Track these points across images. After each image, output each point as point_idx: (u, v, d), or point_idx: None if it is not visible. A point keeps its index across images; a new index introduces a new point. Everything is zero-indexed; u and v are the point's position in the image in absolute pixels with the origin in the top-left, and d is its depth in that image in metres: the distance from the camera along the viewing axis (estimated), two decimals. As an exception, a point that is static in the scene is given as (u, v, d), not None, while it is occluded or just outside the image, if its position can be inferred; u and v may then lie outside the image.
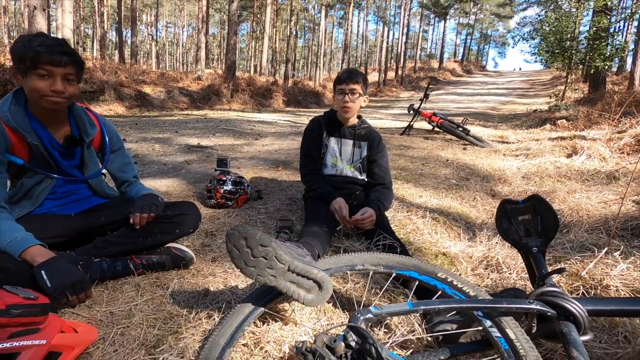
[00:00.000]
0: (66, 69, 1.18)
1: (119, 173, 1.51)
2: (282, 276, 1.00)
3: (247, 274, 0.99)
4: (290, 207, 2.17)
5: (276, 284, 0.99)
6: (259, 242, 0.98)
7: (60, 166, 1.32)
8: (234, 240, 0.99)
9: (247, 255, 0.99)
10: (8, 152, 1.21)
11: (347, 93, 1.82)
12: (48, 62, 1.14)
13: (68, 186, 1.38)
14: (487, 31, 46.47)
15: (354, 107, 1.85)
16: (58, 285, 1.06)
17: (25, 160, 1.24)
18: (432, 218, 2.07)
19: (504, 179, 3.11)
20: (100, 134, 1.42)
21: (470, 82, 24.74)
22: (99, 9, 22.94)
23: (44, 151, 1.25)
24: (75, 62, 1.20)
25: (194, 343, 1.01)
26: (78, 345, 0.93)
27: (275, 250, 0.99)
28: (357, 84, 1.82)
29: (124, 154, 1.53)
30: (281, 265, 0.99)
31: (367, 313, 0.84)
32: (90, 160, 1.40)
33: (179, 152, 3.91)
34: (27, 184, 1.27)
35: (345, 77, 1.83)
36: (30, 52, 1.13)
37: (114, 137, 1.48)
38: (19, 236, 1.13)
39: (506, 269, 1.55)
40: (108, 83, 9.45)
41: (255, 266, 0.99)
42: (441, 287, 1.00)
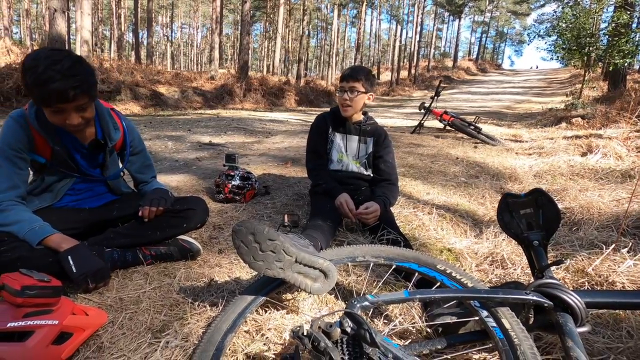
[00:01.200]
0: (76, 102, 1.13)
1: (138, 174, 1.56)
2: (290, 268, 1.02)
3: (256, 268, 1.01)
4: (297, 202, 2.19)
5: (284, 276, 1.02)
6: (267, 237, 1.00)
7: (80, 166, 1.37)
8: (242, 237, 1.01)
9: (256, 250, 1.00)
10: (32, 151, 1.26)
11: (347, 91, 1.83)
12: (58, 102, 1.10)
13: (86, 184, 1.43)
14: (503, 29, 45.62)
15: (353, 105, 1.85)
16: (83, 271, 1.11)
17: (47, 159, 1.29)
18: (439, 215, 2.07)
19: (515, 177, 3.07)
20: (123, 136, 1.45)
21: (485, 81, 24.35)
22: (117, 10, 23.48)
23: (65, 154, 1.29)
24: (86, 89, 1.14)
25: (198, 328, 1.05)
26: (88, 328, 0.97)
27: (282, 243, 1.01)
28: (358, 82, 1.81)
29: (145, 157, 1.56)
30: (289, 257, 1.01)
31: (363, 300, 0.86)
32: (111, 162, 1.44)
33: (190, 149, 3.99)
34: (47, 180, 1.33)
35: (347, 75, 1.84)
36: (37, 90, 1.08)
37: (136, 139, 1.51)
38: (37, 226, 1.18)
39: (511, 265, 1.54)
40: (124, 83, 9.68)
41: (264, 260, 1.01)
42: (440, 279, 1.01)
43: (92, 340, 0.98)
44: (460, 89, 19.21)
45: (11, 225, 1.17)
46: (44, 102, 1.11)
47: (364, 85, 1.83)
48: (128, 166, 1.53)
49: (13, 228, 1.16)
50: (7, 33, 19.78)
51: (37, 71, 1.07)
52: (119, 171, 1.50)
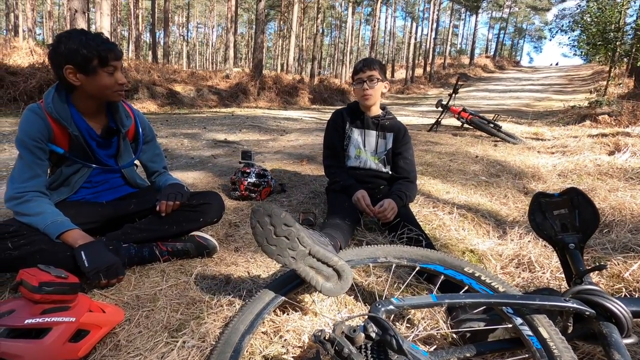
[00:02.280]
0: (120, 61, 1.26)
1: (150, 163, 1.57)
2: (302, 259, 0.99)
3: (268, 252, 0.99)
4: (313, 200, 2.16)
5: (295, 266, 0.99)
6: (283, 221, 0.98)
7: (97, 156, 1.38)
8: (259, 217, 0.99)
9: (270, 232, 0.99)
10: (50, 141, 1.27)
11: (365, 81, 1.81)
12: (114, 58, 1.22)
13: (102, 175, 1.43)
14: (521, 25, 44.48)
15: (374, 93, 1.83)
16: (95, 266, 1.11)
17: (65, 150, 1.30)
18: (460, 214, 2.00)
19: (538, 176, 2.96)
20: (134, 125, 1.47)
21: (502, 78, 23.79)
22: (135, 11, 23.92)
23: (82, 142, 1.30)
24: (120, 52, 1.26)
25: (214, 328, 1.02)
26: (105, 325, 0.96)
27: (298, 231, 0.98)
28: (374, 71, 1.81)
29: (155, 145, 1.58)
30: (302, 247, 0.98)
31: (388, 304, 0.81)
32: (125, 150, 1.45)
33: (206, 147, 4.00)
34: (65, 172, 1.34)
35: (362, 66, 1.83)
36: (95, 51, 1.18)
37: (147, 129, 1.53)
38: (58, 219, 1.18)
39: (539, 268, 1.47)
40: (142, 82, 9.83)
41: (277, 245, 0.99)
42: (468, 282, 0.96)
43: (108, 338, 0.97)
44: (477, 86, 18.81)
45: (33, 217, 1.17)
46: (103, 61, 1.20)
47: (379, 74, 1.82)
48: (140, 155, 1.53)
49: (35, 219, 1.17)
50: (30, 34, 20.41)
51: (84, 38, 1.19)
52: (133, 159, 1.50)
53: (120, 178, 1.50)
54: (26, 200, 1.18)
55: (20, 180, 1.20)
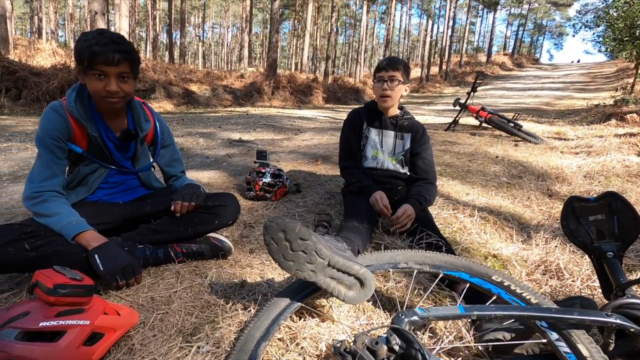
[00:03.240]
0: (120, 68, 1.17)
1: (168, 168, 1.56)
2: (322, 271, 0.95)
3: (286, 268, 0.95)
4: (329, 201, 2.12)
5: (315, 279, 0.94)
6: (298, 236, 0.94)
7: (114, 158, 1.37)
8: (272, 233, 0.95)
9: (286, 249, 0.94)
10: (69, 140, 1.27)
11: (386, 80, 1.75)
12: (102, 62, 1.14)
13: (119, 176, 1.43)
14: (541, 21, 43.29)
15: (393, 95, 1.78)
16: (110, 269, 1.10)
17: (83, 150, 1.29)
18: (481, 217, 1.93)
19: (563, 178, 2.84)
20: (153, 129, 1.46)
21: (521, 76, 23.19)
22: (152, 12, 24.35)
23: (100, 142, 1.30)
24: (130, 59, 1.19)
25: (229, 334, 0.99)
26: (120, 328, 0.94)
27: (315, 244, 0.94)
28: (398, 71, 1.75)
29: (174, 150, 1.56)
30: (321, 260, 0.94)
31: (412, 315, 0.77)
32: (143, 153, 1.45)
33: (221, 146, 4.01)
34: (82, 171, 1.33)
35: (385, 65, 1.77)
36: (86, 51, 1.13)
37: (166, 133, 1.52)
38: (74, 220, 1.18)
39: (568, 276, 1.39)
40: (158, 82, 9.98)
41: (294, 260, 0.94)
42: (496, 292, 0.90)
43: (123, 341, 0.95)
44: (494, 84, 18.38)
45: (49, 217, 1.17)
46: (89, 62, 1.14)
47: (402, 75, 1.76)
48: (158, 160, 1.52)
49: (51, 220, 1.16)
50: (53, 36, 21.03)
51: (88, 37, 1.15)
52: (150, 164, 1.49)
53: (137, 180, 1.50)
54: (43, 201, 1.18)
55: (38, 180, 1.20)
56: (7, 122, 5.12)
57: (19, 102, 7.01)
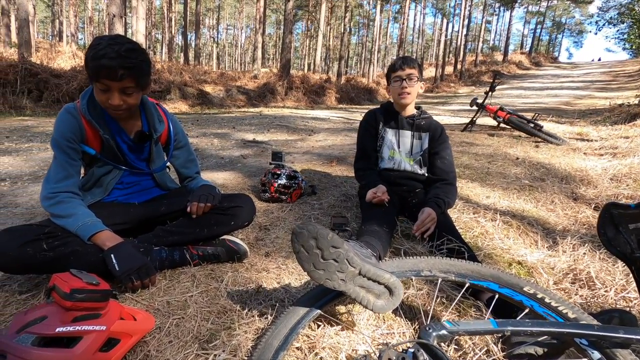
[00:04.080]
0: (123, 83, 1.15)
1: (183, 169, 1.55)
2: (352, 280, 0.91)
3: (315, 278, 0.91)
4: (344, 203, 2.08)
5: (345, 288, 0.90)
6: (331, 244, 0.89)
7: (128, 159, 1.37)
8: (303, 241, 0.90)
9: (317, 257, 0.90)
10: (83, 142, 1.27)
11: (405, 79, 1.73)
12: (105, 77, 1.12)
13: (133, 177, 1.42)
14: (560, 19, 42.19)
15: (412, 92, 1.76)
16: (126, 269, 1.09)
17: (97, 151, 1.29)
18: (503, 221, 1.86)
19: (588, 181, 2.73)
20: (167, 130, 1.45)
21: (539, 75, 22.64)
22: (168, 14, 24.74)
23: (113, 144, 1.30)
24: (135, 74, 1.15)
25: (246, 341, 0.97)
26: (136, 333, 0.92)
27: (347, 252, 0.90)
28: (414, 69, 1.74)
29: (188, 151, 1.55)
30: (352, 268, 0.90)
31: (440, 328, 0.72)
32: (157, 154, 1.44)
33: (235, 146, 4.01)
34: (97, 172, 1.34)
35: (401, 64, 1.75)
36: (92, 63, 1.12)
37: (180, 134, 1.51)
38: (89, 221, 1.18)
39: (600, 285, 1.32)
40: (174, 83, 10.12)
41: (325, 269, 0.90)
42: (529, 304, 0.85)
43: (139, 347, 0.93)
44: (511, 84, 17.98)
45: (65, 218, 1.17)
46: (94, 75, 1.13)
47: (418, 72, 1.75)
48: (172, 160, 1.51)
49: (67, 221, 1.16)
50: (73, 39, 21.59)
51: (98, 47, 1.12)
52: (165, 163, 1.48)
53: (151, 180, 1.49)
54: (59, 202, 1.18)
55: (54, 181, 1.21)
56: (28, 122, 5.25)
57: (40, 103, 7.20)
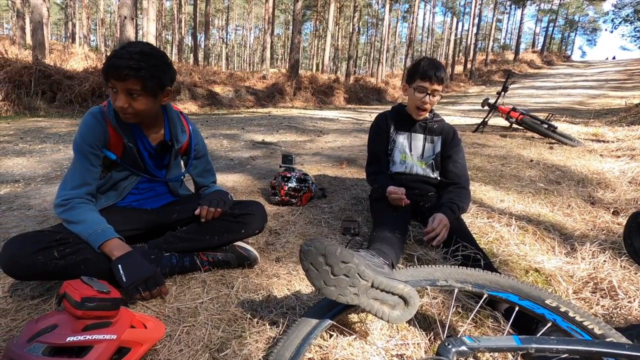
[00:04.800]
0: (127, 84, 1.12)
1: (199, 178, 1.54)
2: (365, 293, 0.88)
3: (327, 294, 0.89)
4: (355, 207, 2.05)
5: (358, 302, 0.88)
6: (340, 259, 0.87)
7: (147, 166, 1.36)
8: (311, 258, 0.88)
9: (327, 274, 0.88)
10: (105, 146, 1.26)
11: (430, 93, 1.65)
12: (112, 76, 1.12)
13: (148, 183, 1.42)
14: (573, 17, 41.40)
15: (431, 107, 1.72)
16: (133, 280, 1.06)
17: (117, 156, 1.29)
18: (519, 226, 1.81)
19: (606, 184, 2.65)
20: (188, 140, 1.44)
21: (551, 74, 22.26)
22: (178, 16, 24.99)
23: (135, 152, 1.29)
24: (141, 77, 1.12)
25: (257, 351, 0.95)
26: (146, 342, 0.91)
27: (357, 266, 0.87)
28: (441, 84, 1.65)
29: (207, 161, 1.54)
30: (364, 282, 0.87)
31: (459, 344, 0.69)
32: (175, 164, 1.44)
33: (244, 148, 4.01)
34: (115, 177, 1.33)
35: (432, 76, 1.62)
36: (106, 63, 1.13)
37: (200, 144, 1.50)
38: (99, 228, 1.15)
39: (623, 295, 1.27)
40: (183, 84, 10.19)
41: (336, 285, 0.88)
42: (551, 318, 0.81)
43: (149, 356, 0.92)
44: (522, 83, 17.71)
45: (77, 224, 1.15)
46: (104, 75, 1.15)
47: (443, 85, 1.67)
48: (190, 170, 1.51)
49: (77, 227, 1.15)
50: (85, 40, 21.93)
51: (116, 50, 1.16)
52: (182, 174, 1.48)
53: (164, 186, 1.48)
54: (71, 208, 1.17)
55: (69, 187, 1.20)
56: (42, 124, 5.33)
57: (53, 104, 7.31)
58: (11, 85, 6.92)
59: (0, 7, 33.07)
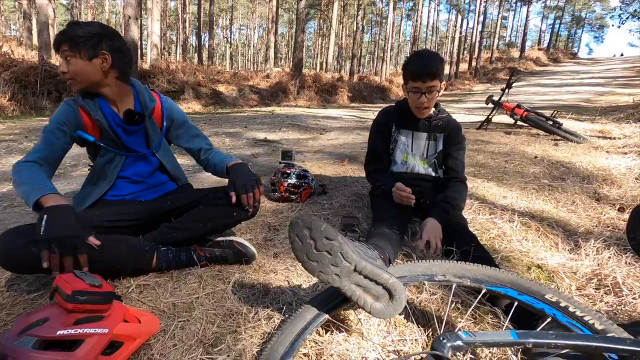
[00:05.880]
0: (62, 48, 1.21)
1: (190, 144, 1.50)
2: (347, 276, 0.87)
3: (309, 269, 0.89)
4: (355, 203, 2.03)
5: (340, 284, 0.87)
6: (324, 234, 0.87)
7: (125, 143, 1.36)
8: (297, 230, 0.90)
9: (310, 247, 0.88)
10: (80, 129, 1.29)
11: (424, 92, 1.55)
12: (54, 48, 1.23)
13: (137, 168, 1.39)
14: (580, 13, 40.91)
15: (432, 105, 1.63)
16: (49, 234, 0.94)
17: (96, 138, 1.30)
18: (522, 223, 1.78)
19: (611, 180, 2.61)
20: (160, 107, 1.43)
21: (557, 71, 22.02)
22: (182, 16, 25.08)
23: (107, 128, 1.30)
24: (67, 40, 1.20)
25: (252, 346, 0.94)
26: (140, 336, 0.91)
27: (340, 245, 0.87)
28: (436, 79, 1.53)
29: (190, 126, 1.52)
30: (347, 263, 0.87)
31: (455, 339, 0.67)
32: (153, 131, 1.41)
33: (247, 145, 4.01)
34: (100, 162, 1.34)
35: (422, 73, 1.51)
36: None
37: (175, 111, 1.48)
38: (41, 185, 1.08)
39: (628, 292, 1.24)
40: (187, 83, 10.23)
41: (318, 261, 0.88)
42: (551, 313, 0.79)
43: (142, 350, 0.91)
44: (528, 81, 17.52)
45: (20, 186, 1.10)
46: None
47: (440, 78, 1.56)
48: (178, 142, 1.49)
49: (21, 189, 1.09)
50: (90, 41, 22.06)
51: None
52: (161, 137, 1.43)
53: (159, 171, 1.46)
54: (18, 171, 1.15)
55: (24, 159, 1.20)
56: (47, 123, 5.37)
57: (59, 104, 7.37)
58: (17, 85, 6.99)
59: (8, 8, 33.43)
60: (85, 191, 1.36)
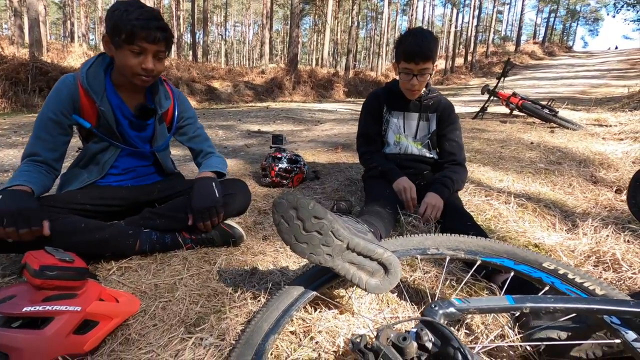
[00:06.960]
0: (159, 46, 1.13)
1: (191, 143, 1.46)
2: (340, 255, 0.82)
3: (298, 252, 0.84)
4: (348, 188, 1.99)
5: (332, 264, 0.82)
6: (312, 214, 0.82)
7: (126, 136, 1.28)
8: (282, 211, 0.84)
9: (298, 229, 0.83)
10: (77, 113, 1.19)
11: (416, 75, 1.51)
12: (144, 39, 1.10)
13: (132, 161, 1.33)
14: (575, 7, 40.94)
15: (422, 87, 1.59)
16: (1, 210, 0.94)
17: (92, 125, 1.21)
18: (518, 204, 1.74)
19: (608, 164, 2.57)
20: (173, 107, 1.37)
21: (553, 65, 22.03)
22: (176, 13, 24.85)
23: (110, 118, 1.21)
24: (168, 38, 1.15)
25: (236, 325, 0.89)
26: (117, 316, 0.86)
27: (331, 223, 0.82)
28: (429, 61, 1.49)
29: (195, 126, 1.47)
30: (338, 242, 0.82)
31: (447, 306, 0.63)
32: (161, 134, 1.35)
33: (240, 137, 3.96)
34: (92, 148, 1.26)
35: (415, 55, 1.46)
36: (127, 25, 1.07)
37: (187, 110, 1.42)
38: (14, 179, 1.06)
39: (627, 267, 1.20)
40: (182, 79, 10.13)
41: (308, 242, 0.83)
42: (549, 281, 0.75)
43: (120, 331, 0.87)
44: (523, 74, 17.51)
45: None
46: (129, 38, 1.09)
47: (432, 61, 1.51)
48: (180, 138, 1.44)
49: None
50: (84, 39, 21.86)
51: (129, 9, 1.09)
52: (167, 139, 1.39)
53: (152, 165, 1.41)
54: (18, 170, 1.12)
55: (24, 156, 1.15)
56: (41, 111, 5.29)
57: (49, 100, 7.27)
58: (8, 82, 6.87)
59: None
60: (72, 172, 1.29)
